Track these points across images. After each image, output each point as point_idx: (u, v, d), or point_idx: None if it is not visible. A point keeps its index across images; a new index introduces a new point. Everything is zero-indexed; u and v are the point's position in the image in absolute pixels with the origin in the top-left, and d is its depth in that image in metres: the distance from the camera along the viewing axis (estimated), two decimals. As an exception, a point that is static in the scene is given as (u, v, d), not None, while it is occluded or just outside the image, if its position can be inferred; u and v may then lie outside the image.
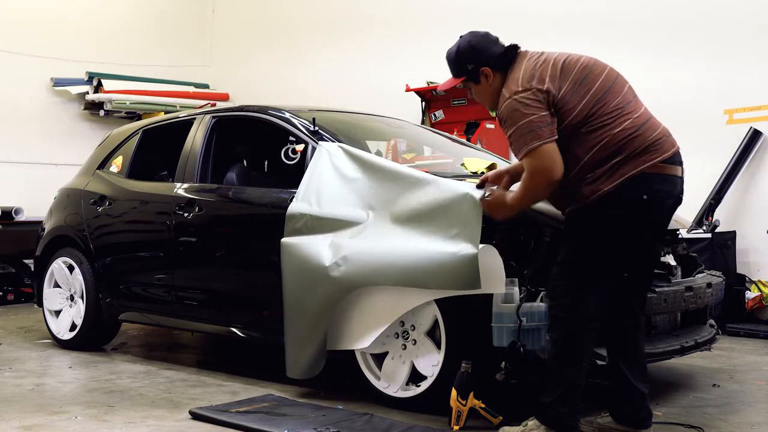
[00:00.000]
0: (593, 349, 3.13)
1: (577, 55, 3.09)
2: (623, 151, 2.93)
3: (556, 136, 2.94)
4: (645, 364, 3.24)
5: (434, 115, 7.52)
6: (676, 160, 3.02)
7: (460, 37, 3.24)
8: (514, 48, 3.17)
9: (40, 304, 5.53)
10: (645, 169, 2.92)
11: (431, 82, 7.60)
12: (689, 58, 6.67)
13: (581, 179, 2.95)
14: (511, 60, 3.12)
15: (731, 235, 6.29)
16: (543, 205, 3.29)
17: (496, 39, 3.20)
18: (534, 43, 7.40)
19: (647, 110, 3.09)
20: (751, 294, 6.16)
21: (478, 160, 4.26)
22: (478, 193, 3.37)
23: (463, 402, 3.29)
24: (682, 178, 3.07)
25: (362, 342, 3.66)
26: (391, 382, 3.67)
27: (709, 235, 6.12)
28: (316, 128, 4.21)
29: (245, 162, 5.28)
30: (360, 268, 3.58)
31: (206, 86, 10.20)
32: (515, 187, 3.23)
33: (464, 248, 3.27)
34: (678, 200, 3.09)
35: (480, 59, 3.14)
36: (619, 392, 3.18)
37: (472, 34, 3.22)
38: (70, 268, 5.30)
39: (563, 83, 2.98)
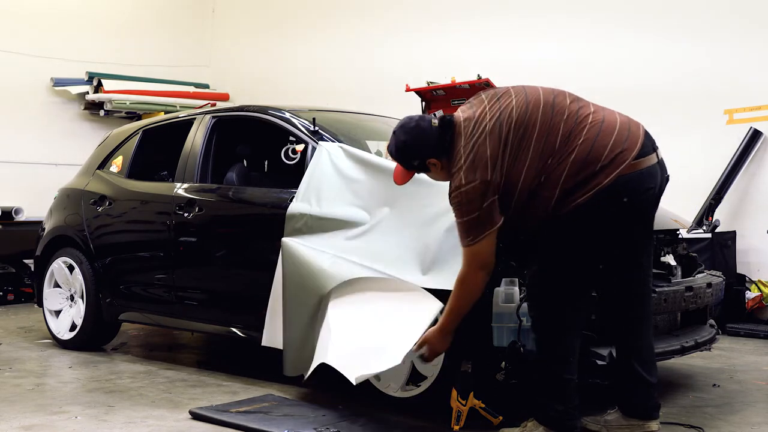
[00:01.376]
0: (579, 344, 3.12)
1: (508, 107, 2.99)
2: (589, 170, 2.89)
3: (497, 224, 2.95)
4: (655, 359, 3.25)
5: (434, 115, 7.50)
6: (646, 150, 2.95)
7: (394, 133, 3.16)
8: (449, 124, 3.07)
9: (40, 304, 5.53)
10: (619, 173, 2.88)
11: (431, 82, 7.59)
12: (689, 57, 6.67)
13: (557, 202, 2.92)
14: (450, 141, 3.04)
15: (731, 235, 6.29)
16: None
17: (429, 123, 3.09)
18: (535, 32, 7.39)
19: (596, 112, 3.00)
20: (751, 294, 6.16)
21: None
22: None
23: (463, 402, 3.29)
24: (659, 162, 3.02)
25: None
26: (391, 382, 3.67)
27: (709, 235, 6.12)
28: (316, 128, 4.21)
29: (245, 162, 5.28)
30: (353, 262, 3.59)
31: (206, 86, 10.20)
32: None
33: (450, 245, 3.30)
34: (664, 183, 3.05)
35: (421, 154, 3.10)
36: (628, 387, 3.19)
37: (404, 130, 3.13)
38: (70, 268, 5.30)
39: (504, 157, 2.93)
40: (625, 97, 4.72)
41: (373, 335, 3.44)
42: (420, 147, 3.10)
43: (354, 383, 3.28)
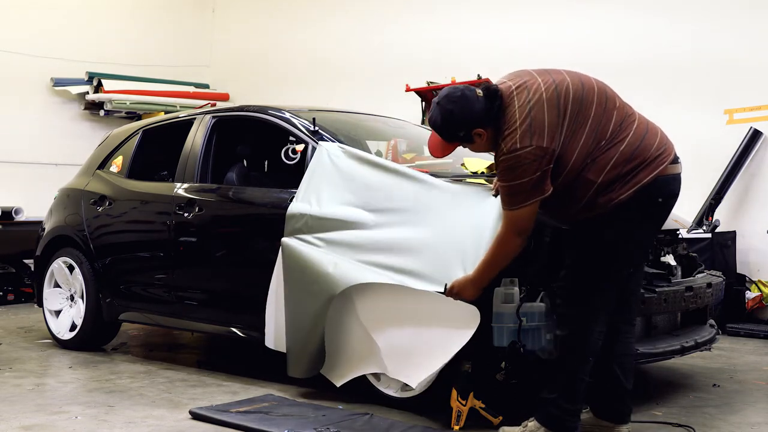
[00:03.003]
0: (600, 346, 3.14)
1: (563, 82, 2.99)
2: (635, 163, 2.94)
3: (546, 193, 2.93)
4: (632, 366, 3.28)
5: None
6: (677, 158, 3.06)
7: (438, 104, 3.07)
8: (494, 94, 3.00)
9: (40, 304, 5.52)
10: (658, 173, 2.95)
11: (431, 82, 7.60)
12: (689, 57, 6.67)
13: (597, 194, 2.96)
14: (498, 110, 2.99)
15: (731, 235, 6.29)
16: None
17: (474, 92, 3.02)
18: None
19: (641, 114, 3.09)
20: (751, 294, 6.16)
21: (478, 160, 4.26)
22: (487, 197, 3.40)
23: (463, 402, 3.29)
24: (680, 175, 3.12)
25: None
26: (391, 383, 3.67)
27: (709, 235, 6.12)
28: (316, 128, 4.21)
29: (245, 162, 5.28)
30: (355, 266, 3.59)
31: (206, 86, 10.20)
32: None
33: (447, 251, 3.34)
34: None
35: (469, 124, 3.01)
36: (606, 389, 3.21)
37: (450, 100, 3.04)
38: (70, 268, 5.30)
39: (561, 129, 2.91)
40: (625, 97, 4.73)
41: (420, 342, 3.46)
42: (467, 116, 3.01)
43: (416, 388, 3.46)
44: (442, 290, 3.27)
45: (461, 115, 3.02)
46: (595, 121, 2.95)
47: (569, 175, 2.95)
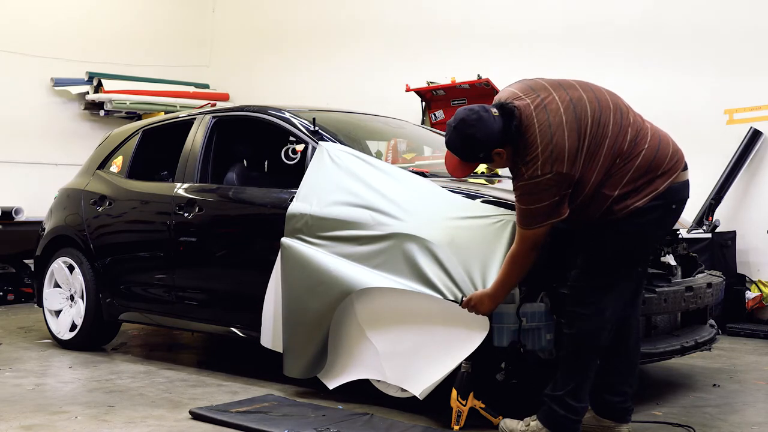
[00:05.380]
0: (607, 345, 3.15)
1: (580, 100, 2.98)
2: (650, 176, 2.98)
3: (563, 216, 2.96)
4: (638, 366, 3.30)
5: (434, 115, 7.53)
6: (686, 165, 3.10)
7: (455, 128, 3.03)
8: (511, 112, 2.96)
9: (40, 304, 5.53)
10: (672, 181, 3.00)
11: (431, 82, 7.60)
12: (690, 57, 6.67)
13: (613, 203, 2.98)
14: (517, 130, 2.95)
15: (731, 235, 6.29)
16: None
17: (490, 113, 2.98)
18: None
19: (651, 124, 3.11)
20: (751, 294, 6.16)
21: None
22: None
23: (463, 402, 3.29)
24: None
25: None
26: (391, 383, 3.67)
27: (709, 235, 6.11)
28: (316, 128, 4.21)
29: (245, 162, 5.28)
30: (361, 269, 3.58)
31: (206, 86, 10.20)
32: None
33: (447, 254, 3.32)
34: None
35: (489, 145, 3.00)
36: (608, 387, 3.22)
37: (468, 124, 2.99)
38: (70, 268, 5.30)
39: (581, 153, 2.92)
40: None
41: (423, 349, 3.45)
42: (487, 138, 2.99)
43: (420, 398, 3.41)
44: (456, 300, 3.26)
45: (482, 137, 2.99)
46: (612, 140, 2.97)
47: (588, 194, 2.98)
